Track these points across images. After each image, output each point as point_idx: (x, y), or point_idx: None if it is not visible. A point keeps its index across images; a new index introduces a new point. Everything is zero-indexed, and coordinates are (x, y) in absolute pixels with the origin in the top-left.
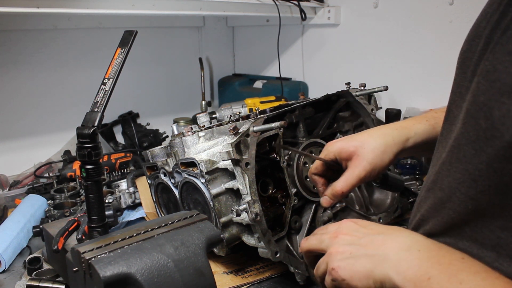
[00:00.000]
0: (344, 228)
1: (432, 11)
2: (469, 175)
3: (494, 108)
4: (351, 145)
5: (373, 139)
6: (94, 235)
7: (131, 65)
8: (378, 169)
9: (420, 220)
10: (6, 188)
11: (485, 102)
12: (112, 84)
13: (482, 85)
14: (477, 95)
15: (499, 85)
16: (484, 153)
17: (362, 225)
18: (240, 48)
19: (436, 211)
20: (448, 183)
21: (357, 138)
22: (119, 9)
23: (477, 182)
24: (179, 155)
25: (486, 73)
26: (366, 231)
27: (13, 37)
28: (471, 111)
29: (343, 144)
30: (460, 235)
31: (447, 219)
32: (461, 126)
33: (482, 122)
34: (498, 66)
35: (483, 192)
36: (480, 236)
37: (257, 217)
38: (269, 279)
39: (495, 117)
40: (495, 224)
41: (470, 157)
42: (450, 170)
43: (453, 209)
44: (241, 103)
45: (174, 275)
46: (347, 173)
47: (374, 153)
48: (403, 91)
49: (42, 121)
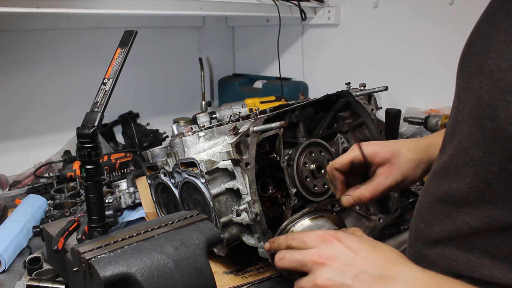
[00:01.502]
0: (332, 254)
1: (432, 11)
2: (481, 179)
3: (500, 108)
4: (387, 151)
5: (408, 151)
6: (94, 235)
7: (131, 65)
8: (407, 182)
9: (424, 226)
10: (6, 188)
11: (489, 102)
12: (112, 84)
13: (486, 84)
14: (480, 95)
15: (504, 84)
16: (495, 155)
17: (353, 249)
18: (240, 48)
19: (447, 217)
20: (457, 187)
21: (393, 145)
22: (119, 9)
23: (491, 185)
24: (179, 155)
25: (489, 73)
26: (360, 266)
27: (13, 37)
28: (476, 112)
29: (378, 148)
30: (469, 247)
31: (458, 225)
32: (467, 128)
33: (488, 123)
34: (502, 64)
35: (499, 195)
36: (490, 247)
37: (257, 217)
38: (269, 279)
39: (501, 117)
40: (506, 234)
41: (479, 160)
42: (458, 175)
43: (470, 213)
44: (241, 103)
45: (174, 275)
46: (378, 180)
47: (408, 165)
48: (403, 91)
49: (42, 121)
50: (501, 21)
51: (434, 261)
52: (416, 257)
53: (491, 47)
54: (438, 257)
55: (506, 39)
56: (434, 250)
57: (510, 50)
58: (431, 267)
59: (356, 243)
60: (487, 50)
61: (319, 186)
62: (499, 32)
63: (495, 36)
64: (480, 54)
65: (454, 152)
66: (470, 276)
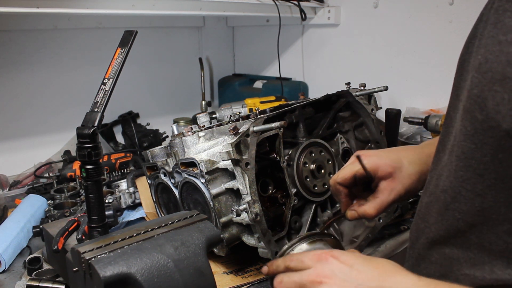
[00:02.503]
0: (328, 271)
1: (432, 11)
2: (474, 171)
3: (488, 98)
4: (389, 165)
5: (410, 165)
6: (94, 235)
7: (131, 65)
8: (409, 195)
9: (424, 227)
10: (6, 188)
11: (478, 94)
12: (112, 84)
13: (475, 78)
14: (471, 89)
15: (491, 75)
16: (486, 145)
17: (349, 264)
18: (240, 48)
19: (439, 215)
20: (449, 183)
21: (394, 158)
22: (119, 9)
23: (483, 176)
24: (179, 155)
25: (478, 66)
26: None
27: (13, 37)
28: (467, 106)
29: (379, 161)
30: (466, 244)
31: (452, 222)
32: (460, 123)
33: (478, 114)
34: (489, 56)
35: (490, 186)
36: (487, 242)
37: (257, 217)
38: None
39: (489, 107)
40: (501, 228)
41: (471, 152)
42: (450, 170)
43: (459, 209)
44: (241, 103)
45: (174, 275)
46: (381, 197)
47: (410, 179)
48: (403, 91)
49: (42, 121)
50: (490, 19)
51: (436, 261)
52: (417, 258)
53: (482, 43)
54: (440, 257)
55: (494, 33)
56: (435, 250)
57: (497, 43)
58: (433, 268)
59: (351, 258)
60: (479, 47)
61: (319, 186)
62: (489, 28)
63: (485, 33)
64: (474, 53)
65: (450, 149)
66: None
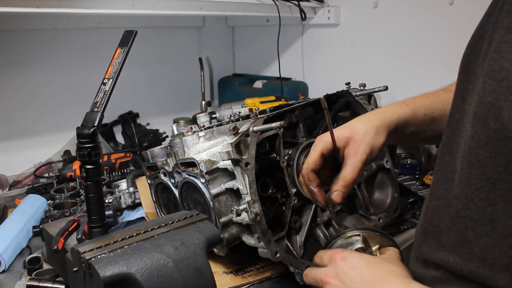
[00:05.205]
0: (333, 273)
1: (432, 11)
2: (488, 179)
3: (503, 107)
4: (346, 131)
5: (363, 123)
6: (94, 235)
7: (131, 65)
8: (375, 150)
9: (432, 231)
10: (6, 188)
11: (492, 102)
12: (112, 84)
13: (489, 85)
14: (484, 96)
15: (507, 84)
16: (500, 154)
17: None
18: (240, 48)
19: (451, 221)
20: (461, 190)
21: (347, 126)
22: (119, 9)
23: (496, 186)
24: (179, 155)
25: (492, 73)
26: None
27: (13, 37)
28: (479, 112)
29: (336, 132)
30: (470, 255)
31: (462, 230)
32: (470, 129)
33: (492, 123)
34: (505, 64)
35: (501, 197)
36: (490, 256)
37: (257, 217)
38: (269, 279)
39: (504, 116)
40: (505, 242)
41: (485, 161)
42: (462, 177)
43: (470, 217)
44: (241, 103)
45: (174, 275)
46: (350, 160)
47: (368, 135)
48: (403, 91)
49: (42, 121)
50: (503, 22)
51: (442, 265)
52: (423, 261)
53: (492, 47)
54: (443, 264)
55: (508, 39)
56: (439, 256)
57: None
58: (440, 271)
59: (357, 260)
60: (489, 51)
61: None
62: (501, 32)
63: (497, 37)
64: (483, 55)
65: (461, 154)
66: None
